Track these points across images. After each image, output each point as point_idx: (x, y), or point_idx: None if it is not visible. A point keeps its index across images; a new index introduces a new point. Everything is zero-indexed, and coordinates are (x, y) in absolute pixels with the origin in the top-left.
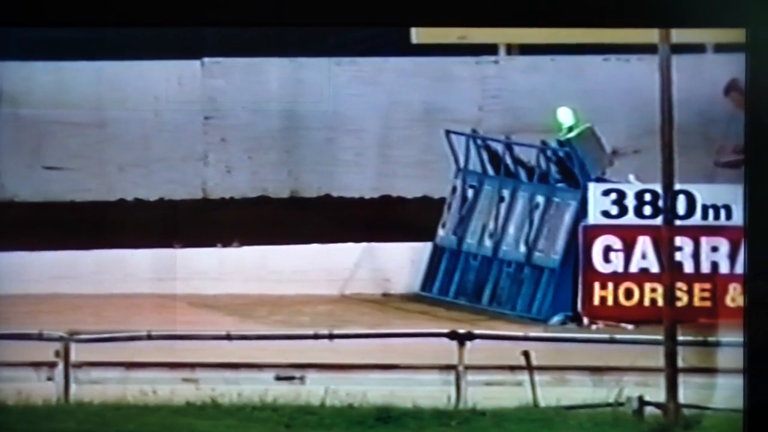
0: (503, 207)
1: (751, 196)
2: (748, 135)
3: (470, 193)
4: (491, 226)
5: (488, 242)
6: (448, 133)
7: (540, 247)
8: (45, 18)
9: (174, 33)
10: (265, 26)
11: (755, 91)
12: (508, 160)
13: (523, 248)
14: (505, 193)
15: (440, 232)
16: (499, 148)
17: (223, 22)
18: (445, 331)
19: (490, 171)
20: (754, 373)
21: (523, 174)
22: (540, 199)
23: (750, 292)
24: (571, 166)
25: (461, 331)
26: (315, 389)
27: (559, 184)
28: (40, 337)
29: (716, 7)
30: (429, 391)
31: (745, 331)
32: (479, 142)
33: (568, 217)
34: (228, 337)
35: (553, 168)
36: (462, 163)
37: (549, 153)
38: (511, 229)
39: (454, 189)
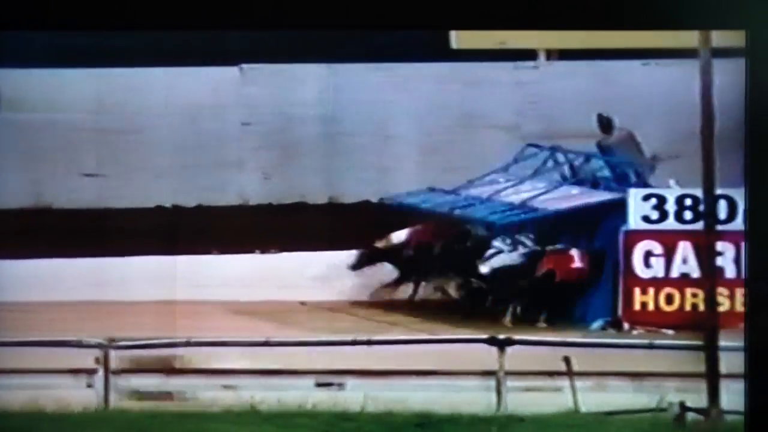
0: None
1: (752, 199)
2: (749, 137)
3: None
4: None
5: None
6: (527, 146)
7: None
8: (79, 23)
9: (211, 39)
10: (301, 29)
11: (755, 93)
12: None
13: None
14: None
15: None
16: (558, 155)
17: (258, 25)
18: (485, 336)
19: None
20: (755, 375)
21: (570, 178)
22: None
23: (751, 295)
24: (612, 171)
25: (501, 336)
26: (354, 396)
27: (603, 190)
28: (79, 345)
29: (716, 9)
30: (469, 397)
31: (746, 335)
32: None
33: (610, 222)
34: (267, 344)
35: (596, 173)
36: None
37: (591, 159)
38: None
39: None
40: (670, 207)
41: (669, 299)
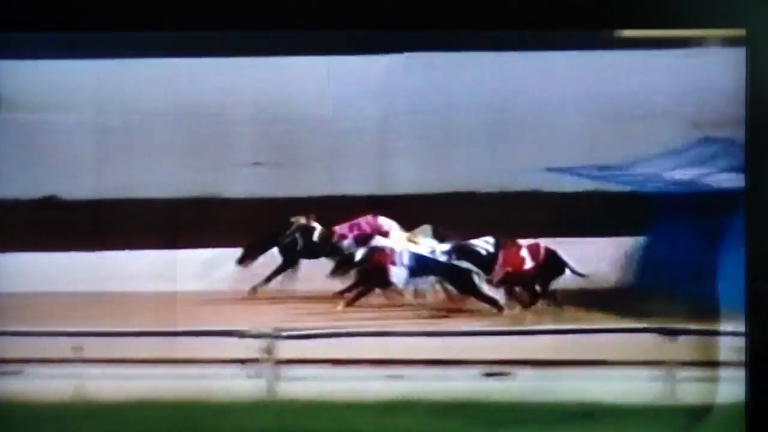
0: None
1: (752, 197)
2: (748, 135)
3: None
4: None
5: None
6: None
7: None
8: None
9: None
10: (476, 29)
11: (755, 90)
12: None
13: None
14: None
15: None
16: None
17: (423, 24)
18: (656, 326)
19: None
20: (755, 369)
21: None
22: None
23: (751, 294)
24: None
25: (672, 326)
26: (521, 385)
27: None
28: (243, 335)
29: (717, 7)
30: (636, 387)
31: (747, 328)
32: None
33: None
34: (428, 334)
35: None
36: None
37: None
38: None
39: None
40: None
41: None
